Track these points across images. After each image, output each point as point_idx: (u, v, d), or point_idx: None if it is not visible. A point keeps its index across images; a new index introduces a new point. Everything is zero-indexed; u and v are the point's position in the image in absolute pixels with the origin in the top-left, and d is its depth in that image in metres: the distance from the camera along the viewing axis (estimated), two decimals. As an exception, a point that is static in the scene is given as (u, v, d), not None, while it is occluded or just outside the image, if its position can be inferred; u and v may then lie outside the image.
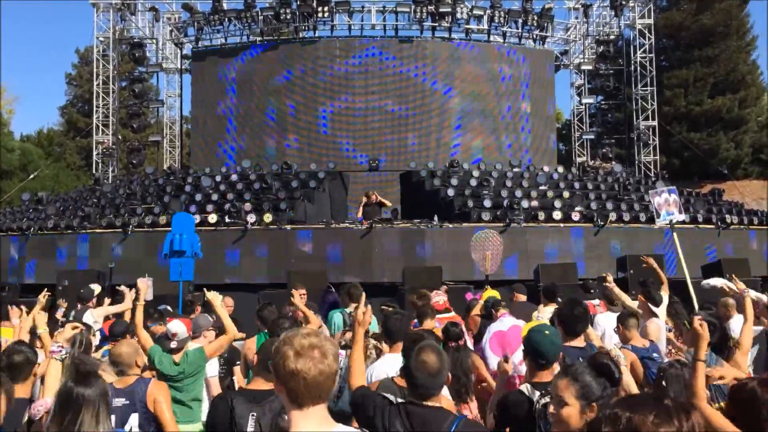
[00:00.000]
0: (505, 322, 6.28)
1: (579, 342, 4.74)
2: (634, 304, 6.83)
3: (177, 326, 5.43)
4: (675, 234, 9.10)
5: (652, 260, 8.10)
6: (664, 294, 7.63)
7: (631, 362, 5.27)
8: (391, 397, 3.24)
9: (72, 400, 3.01)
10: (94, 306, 7.88)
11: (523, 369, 5.21)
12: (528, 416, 3.54)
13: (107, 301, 8.85)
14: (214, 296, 5.79)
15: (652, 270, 8.16)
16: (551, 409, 3.07)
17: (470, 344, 6.51)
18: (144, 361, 4.64)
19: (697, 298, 8.33)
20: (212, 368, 6.05)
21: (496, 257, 10.11)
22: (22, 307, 6.66)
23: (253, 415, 3.59)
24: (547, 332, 3.87)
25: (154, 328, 7.81)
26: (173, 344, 5.33)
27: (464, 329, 6.64)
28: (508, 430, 3.71)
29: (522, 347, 5.06)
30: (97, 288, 8.42)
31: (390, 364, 4.48)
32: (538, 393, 3.58)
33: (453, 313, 7.42)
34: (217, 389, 6.01)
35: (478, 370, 5.73)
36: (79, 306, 8.09)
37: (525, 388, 3.71)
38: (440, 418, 3.04)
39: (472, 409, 5.31)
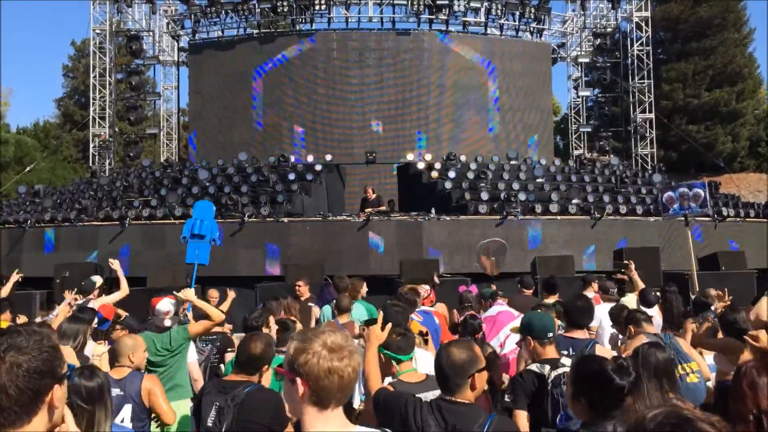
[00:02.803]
0: (492, 309, 6.43)
1: (583, 334, 4.85)
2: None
3: (166, 305, 5.48)
4: (689, 229, 9.17)
5: (632, 267, 8.16)
6: (633, 296, 7.68)
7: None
8: (421, 395, 3.28)
9: (84, 396, 3.04)
10: (96, 298, 7.90)
11: (508, 350, 5.36)
12: (540, 389, 3.72)
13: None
14: (187, 293, 5.80)
15: (649, 264, 8.23)
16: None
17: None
18: (139, 360, 4.65)
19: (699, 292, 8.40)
20: (191, 353, 6.10)
21: (501, 261, 10.19)
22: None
23: (215, 405, 3.64)
24: (540, 311, 4.26)
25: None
26: (167, 322, 5.41)
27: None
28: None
29: (512, 329, 5.21)
30: (98, 280, 8.45)
31: None
32: (548, 367, 3.76)
33: (434, 308, 7.44)
34: (197, 374, 6.07)
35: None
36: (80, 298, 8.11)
37: (536, 366, 3.87)
38: (473, 414, 3.04)
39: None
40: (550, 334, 3.97)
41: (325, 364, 2.04)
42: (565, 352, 4.50)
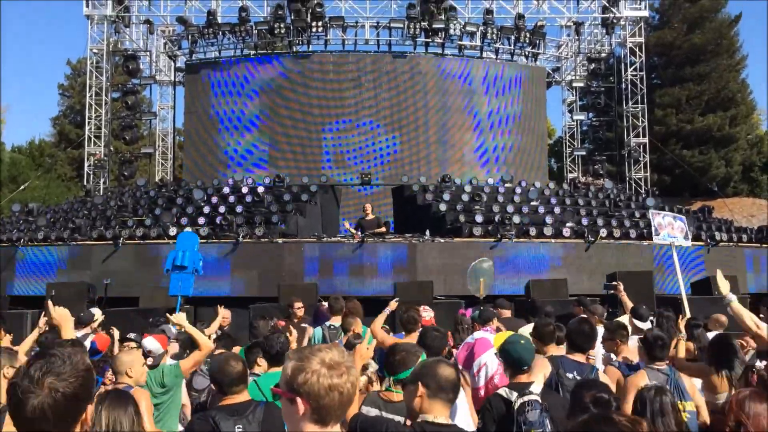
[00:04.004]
0: (474, 335, 6.36)
1: (580, 357, 4.94)
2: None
3: (152, 343, 5.45)
4: (675, 253, 9.26)
5: (621, 288, 8.23)
6: (626, 317, 7.73)
7: (616, 380, 5.32)
8: (399, 419, 3.28)
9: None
10: (92, 330, 7.87)
11: (480, 380, 5.36)
12: (507, 415, 3.77)
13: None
14: (179, 318, 5.69)
15: (642, 288, 8.26)
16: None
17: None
18: (138, 374, 4.62)
19: (692, 314, 8.42)
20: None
21: (489, 283, 10.29)
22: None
23: (239, 428, 3.64)
24: (522, 341, 4.20)
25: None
26: (149, 360, 5.35)
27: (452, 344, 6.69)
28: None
29: (490, 357, 5.23)
30: (98, 312, 8.46)
31: None
32: (515, 393, 3.82)
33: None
34: (185, 398, 6.03)
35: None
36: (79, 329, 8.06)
37: (504, 391, 3.96)
38: None
39: None
40: (525, 367, 4.11)
41: (325, 381, 2.02)
42: (570, 375, 4.57)
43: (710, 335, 7.37)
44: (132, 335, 7.24)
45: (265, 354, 5.16)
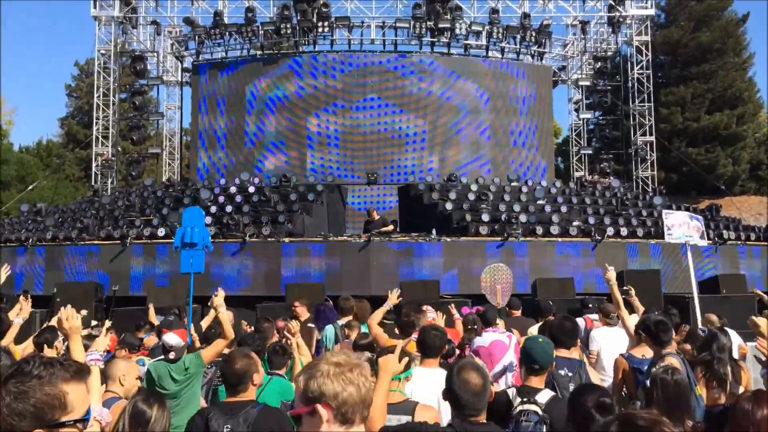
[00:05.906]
0: (485, 337, 6.37)
1: (568, 353, 4.97)
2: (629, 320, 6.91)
3: (173, 338, 5.46)
4: (690, 253, 9.28)
5: (632, 293, 8.23)
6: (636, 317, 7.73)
7: (622, 369, 5.40)
8: (407, 418, 3.29)
9: (144, 420, 3.09)
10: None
11: (501, 385, 5.36)
12: (504, 416, 3.74)
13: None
14: (219, 298, 5.79)
15: (650, 287, 8.24)
16: None
17: None
18: (129, 386, 4.50)
19: (701, 315, 8.43)
20: None
21: (506, 291, 10.26)
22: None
23: (227, 427, 3.66)
24: (540, 340, 4.18)
25: (146, 340, 7.84)
26: (172, 355, 5.38)
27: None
28: None
29: (504, 361, 5.25)
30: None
31: (423, 379, 4.54)
32: (519, 399, 3.78)
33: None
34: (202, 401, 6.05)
35: None
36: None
37: (511, 391, 3.92)
38: None
39: None
40: (536, 366, 4.01)
41: (338, 377, 2.04)
42: (562, 372, 4.62)
43: None
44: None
45: None
